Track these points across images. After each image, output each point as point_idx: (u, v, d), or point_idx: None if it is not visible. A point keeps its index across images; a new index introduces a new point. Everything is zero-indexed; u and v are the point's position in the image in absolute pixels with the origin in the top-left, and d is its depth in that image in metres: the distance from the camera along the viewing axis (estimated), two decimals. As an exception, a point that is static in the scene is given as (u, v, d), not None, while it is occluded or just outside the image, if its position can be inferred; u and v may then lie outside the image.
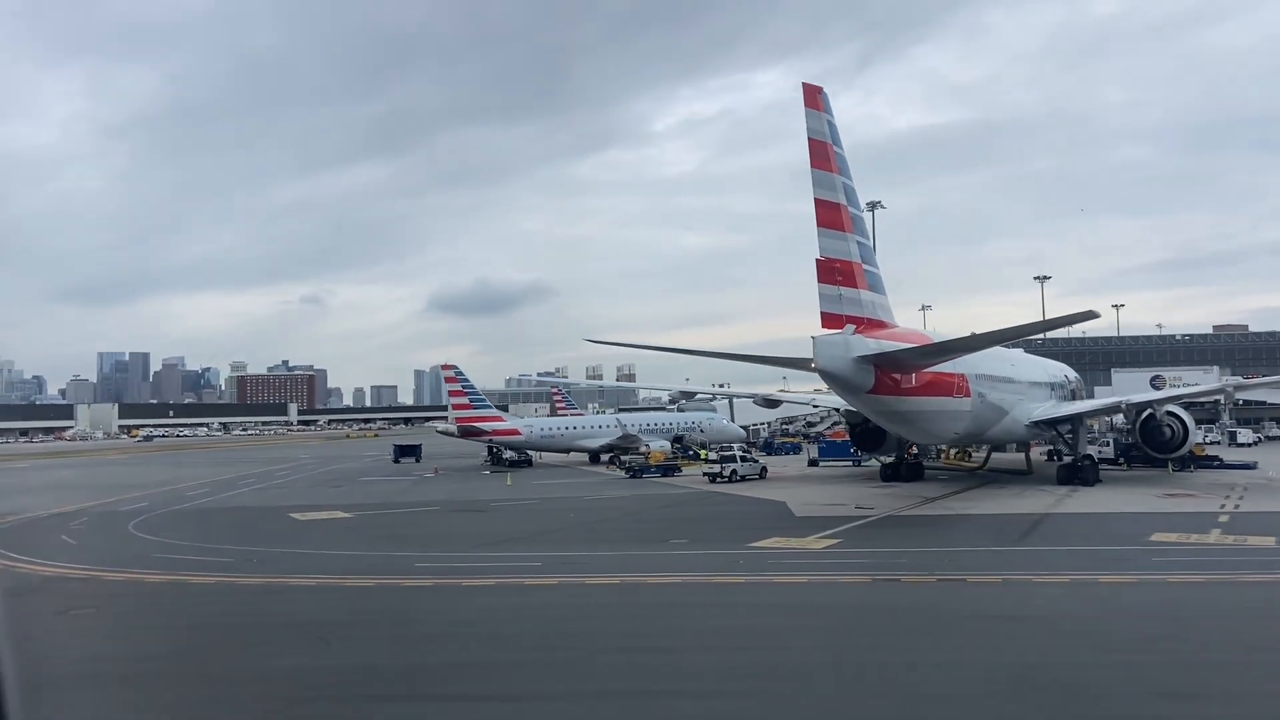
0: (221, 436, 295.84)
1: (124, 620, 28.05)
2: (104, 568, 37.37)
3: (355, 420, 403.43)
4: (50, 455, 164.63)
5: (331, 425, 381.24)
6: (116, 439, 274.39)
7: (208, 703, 18.75)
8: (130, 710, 18.81)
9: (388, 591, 31.22)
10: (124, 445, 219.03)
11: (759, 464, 73.49)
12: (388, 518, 55.99)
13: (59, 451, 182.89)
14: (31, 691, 19.73)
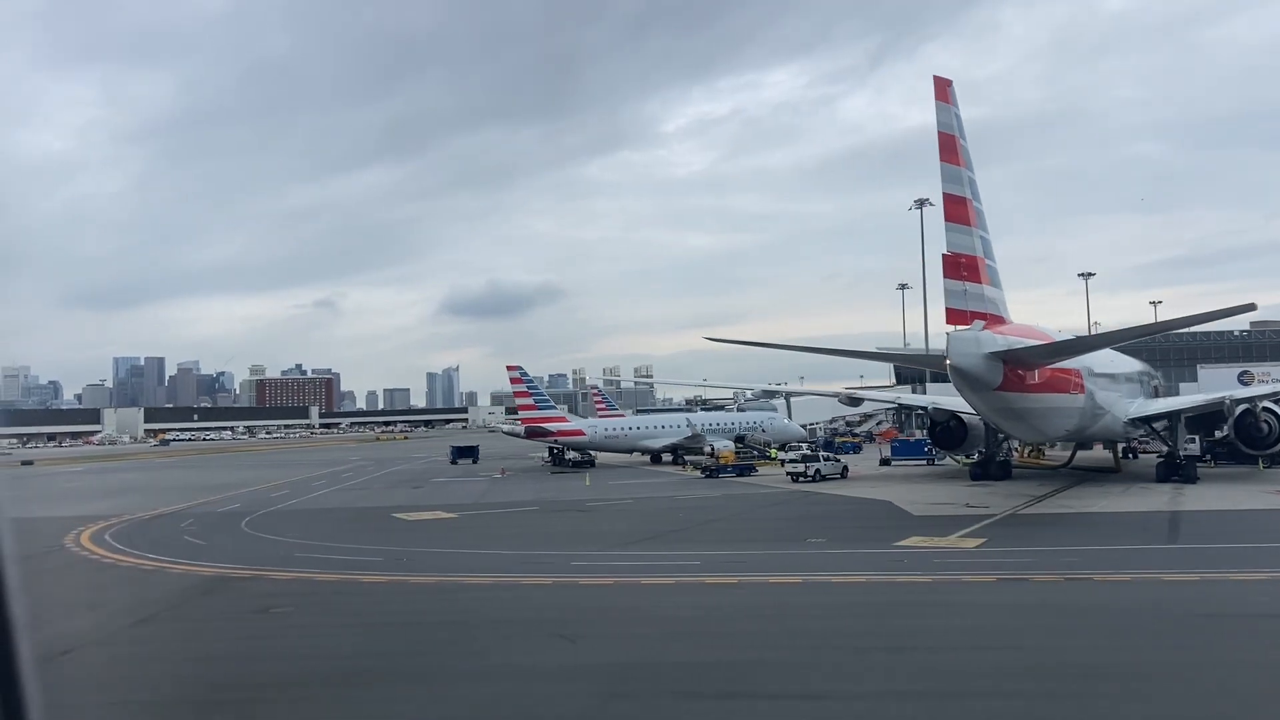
0: (247, 440, 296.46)
1: (339, 618, 28.01)
2: (259, 567, 37.56)
3: (375, 423, 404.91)
4: (93, 459, 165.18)
5: (353, 428, 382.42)
6: (143, 443, 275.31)
7: (521, 698, 18.74)
8: (452, 705, 18.85)
9: (575, 590, 31.11)
10: (159, 450, 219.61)
11: (840, 463, 73.55)
12: (495, 518, 56.16)
13: (99, 456, 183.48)
14: (337, 687, 19.99)
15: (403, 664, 21.72)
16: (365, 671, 21.17)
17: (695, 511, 54.49)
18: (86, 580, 36.68)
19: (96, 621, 28.56)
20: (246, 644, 24.82)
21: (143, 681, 21.40)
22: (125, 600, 32.38)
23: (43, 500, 77.68)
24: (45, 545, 47.20)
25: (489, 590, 31.82)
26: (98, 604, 31.98)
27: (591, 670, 20.66)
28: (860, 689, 18.75)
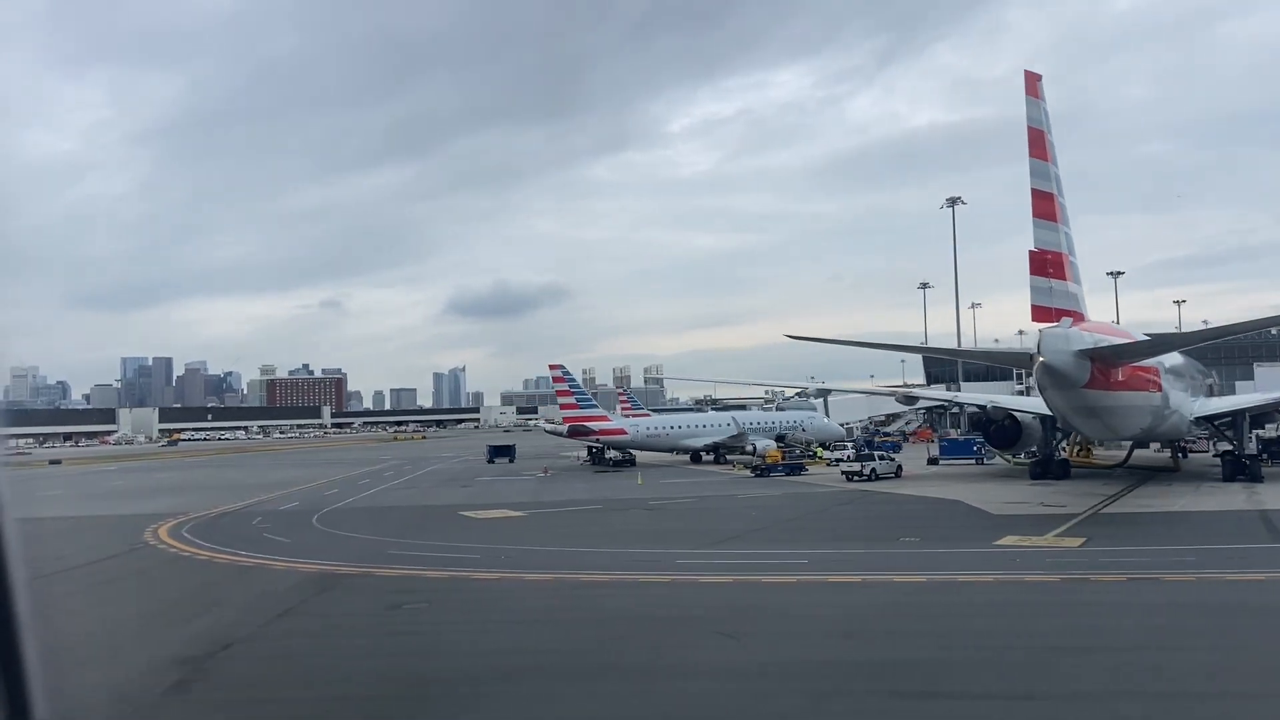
0: (262, 440, 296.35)
1: (480, 614, 27.78)
2: (360, 564, 37.40)
3: (387, 423, 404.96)
4: (119, 459, 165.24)
5: (366, 428, 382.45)
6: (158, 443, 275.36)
7: (728, 696, 18.57)
8: (658, 701, 18.70)
9: (703, 588, 30.75)
10: (175, 450, 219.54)
11: (895, 462, 73.46)
12: (563, 515, 55.97)
13: (123, 455, 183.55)
14: (516, 682, 19.87)
15: (578, 660, 21.60)
16: (543, 667, 21.03)
17: (767, 511, 54.29)
18: (196, 576, 36.62)
19: (235, 617, 28.44)
20: (403, 640, 24.71)
21: (326, 674, 21.30)
22: (248, 596, 32.31)
23: (96, 499, 77.85)
24: (128, 542, 47.27)
25: (614, 588, 31.59)
26: (222, 599, 31.88)
27: (779, 668, 20.44)
28: (1080, 688, 18.48)
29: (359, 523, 53.42)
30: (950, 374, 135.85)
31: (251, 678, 21.49)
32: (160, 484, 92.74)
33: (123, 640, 25.66)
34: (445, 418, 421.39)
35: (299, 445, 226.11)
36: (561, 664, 21.24)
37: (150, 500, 72.31)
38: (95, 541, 48.24)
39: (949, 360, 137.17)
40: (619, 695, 19.06)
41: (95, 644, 24.21)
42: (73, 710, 14.87)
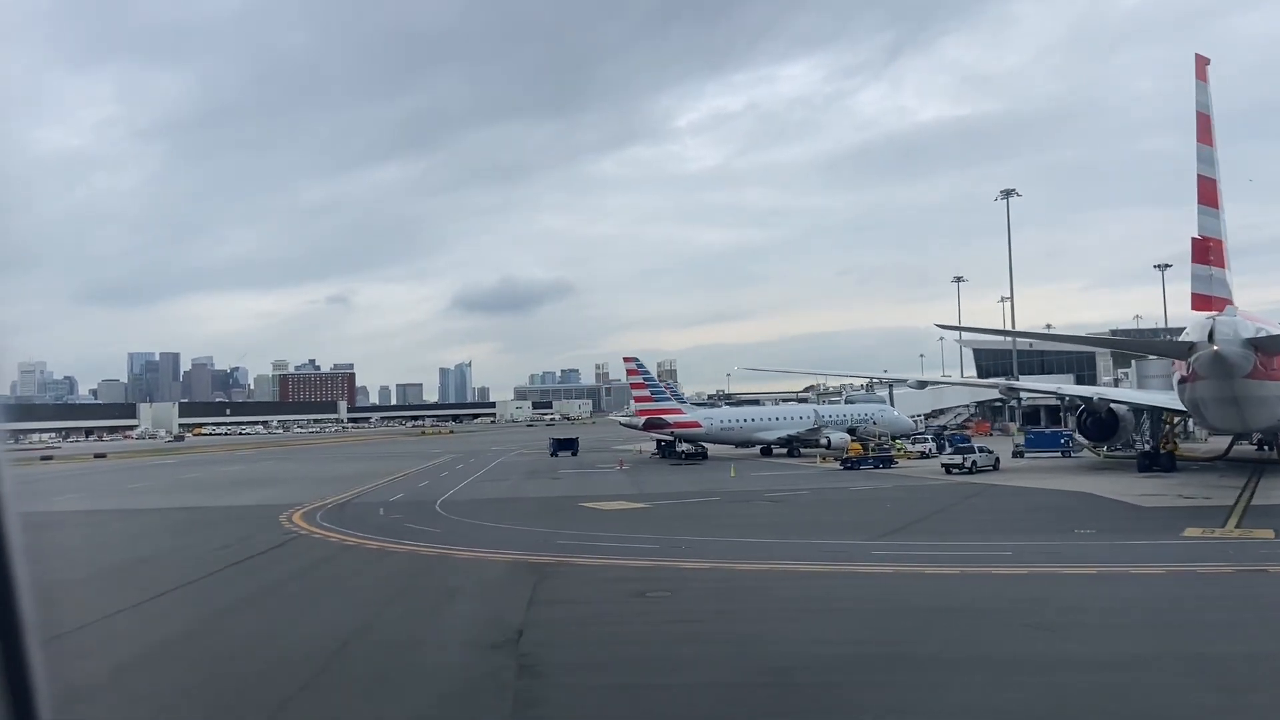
0: (284, 435, 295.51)
1: (742, 604, 27.30)
2: (542, 554, 36.92)
3: (403, 418, 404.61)
4: (160, 454, 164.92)
5: (384, 423, 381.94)
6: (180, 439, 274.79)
7: (1102, 688, 18.22)
8: (1030, 692, 18.26)
9: (942, 580, 30.09)
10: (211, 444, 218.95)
11: (993, 455, 73.09)
12: (686, 506, 55.34)
13: (161, 450, 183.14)
14: (877, 672, 19.47)
15: (908, 650, 21.07)
16: (880, 657, 20.61)
17: (898, 503, 53.73)
18: (390, 565, 36.19)
19: (489, 605, 28.01)
20: (695, 627, 24.21)
21: (664, 661, 20.83)
22: (470, 584, 31.92)
23: (187, 491, 77.27)
24: (277, 530, 46.93)
25: (844, 578, 30.96)
26: (449, 588, 31.45)
27: (1138, 661, 20.04)
28: None
29: (487, 513, 52.99)
30: (999, 368, 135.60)
31: (590, 663, 21.09)
32: (237, 477, 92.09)
33: (426, 630, 25.19)
34: (460, 413, 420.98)
35: (328, 440, 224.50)
36: (898, 654, 20.79)
37: (245, 492, 71.89)
38: (242, 531, 47.86)
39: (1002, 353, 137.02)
40: (988, 685, 18.51)
41: (417, 632, 24.05)
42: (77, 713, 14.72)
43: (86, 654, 22.97)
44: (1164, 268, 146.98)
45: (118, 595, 31.45)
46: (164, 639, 25.12)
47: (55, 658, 14.37)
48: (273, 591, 31.89)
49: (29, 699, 2.81)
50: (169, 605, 30.00)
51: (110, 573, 37.85)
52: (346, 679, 20.33)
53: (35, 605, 2.88)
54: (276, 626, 26.12)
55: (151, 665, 22.50)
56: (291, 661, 21.91)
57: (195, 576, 34.42)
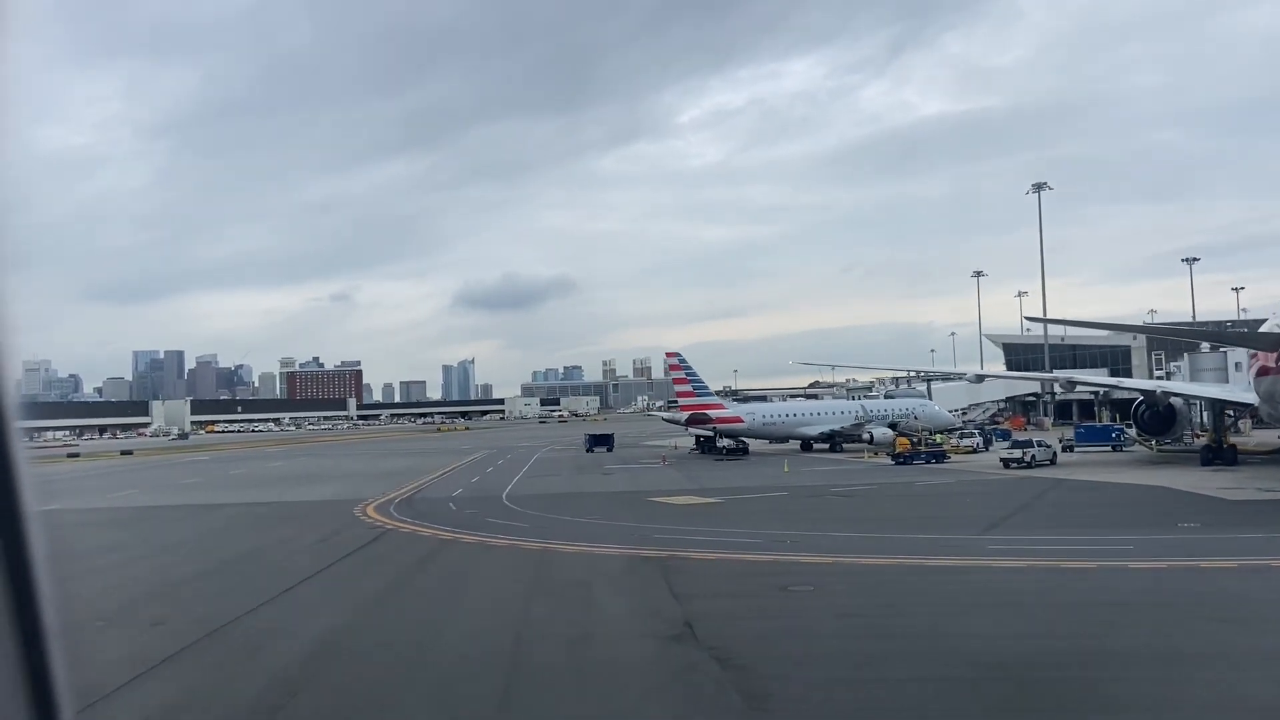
0: (296, 432, 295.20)
1: (906, 597, 26.87)
2: (646, 548, 36.52)
3: (413, 415, 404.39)
4: (183, 451, 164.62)
5: (394, 420, 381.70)
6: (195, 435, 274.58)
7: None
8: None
9: (1080, 574, 29.66)
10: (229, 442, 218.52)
11: (1051, 449, 72.84)
12: (756, 501, 55.05)
13: (186, 448, 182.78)
14: (1082, 669, 19.01)
15: (1110, 645, 20.71)
16: (1094, 652, 20.14)
17: (972, 497, 53.51)
18: (505, 560, 35.83)
19: (644, 601, 27.51)
20: (874, 622, 23.76)
21: (881, 656, 20.42)
22: (598, 578, 31.50)
23: (243, 487, 76.79)
24: (367, 527, 46.55)
25: (983, 573, 30.30)
26: (586, 583, 30.94)
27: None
28: None
29: (559, 507, 52.62)
30: (1030, 363, 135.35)
31: (787, 657, 20.69)
32: (283, 473, 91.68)
33: (588, 623, 24.78)
34: (469, 410, 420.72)
35: (346, 438, 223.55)
36: (1103, 649, 20.29)
37: (302, 488, 71.60)
38: (328, 525, 47.51)
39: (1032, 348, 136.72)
40: (1219, 679, 18.12)
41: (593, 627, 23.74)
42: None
43: (264, 648, 22.66)
44: (1192, 261, 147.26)
45: (253, 587, 31.25)
46: (331, 631, 24.76)
47: (233, 650, 13.89)
48: (404, 585, 31.52)
49: (51, 699, 2.78)
50: (310, 598, 29.62)
51: (230, 565, 37.46)
52: (548, 673, 19.93)
53: (55, 604, 2.84)
54: (436, 621, 25.66)
55: (349, 659, 22.20)
56: (478, 656, 21.57)
57: (314, 569, 34.02)
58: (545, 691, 18.77)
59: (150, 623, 26.54)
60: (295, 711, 18.13)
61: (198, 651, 22.60)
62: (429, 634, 24.16)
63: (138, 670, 20.51)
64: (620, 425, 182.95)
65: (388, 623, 25.74)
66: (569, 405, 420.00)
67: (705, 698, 17.90)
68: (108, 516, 56.74)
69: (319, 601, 29.13)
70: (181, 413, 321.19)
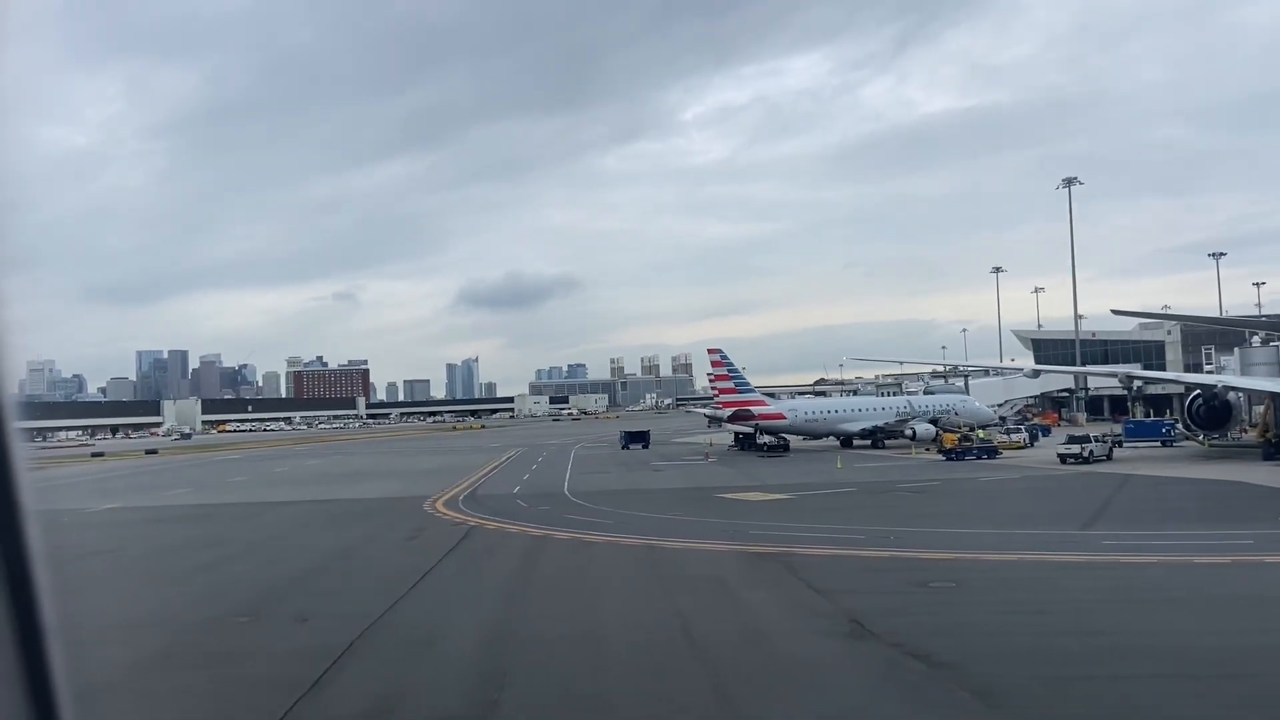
0: (308, 431, 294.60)
1: (1057, 595, 26.29)
2: (749, 544, 36.30)
3: (422, 413, 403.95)
4: (202, 450, 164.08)
5: (404, 419, 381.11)
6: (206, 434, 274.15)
7: None
8: None
9: (1205, 570, 29.31)
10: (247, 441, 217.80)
11: (1107, 444, 72.50)
12: (828, 498, 54.52)
13: (206, 446, 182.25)
14: None
15: None
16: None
17: (1046, 493, 53.09)
18: (615, 557, 35.29)
19: (788, 597, 27.04)
20: (1045, 619, 23.36)
21: (1066, 654, 20.01)
22: (735, 577, 30.90)
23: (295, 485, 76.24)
24: (449, 523, 46.13)
25: (1123, 570, 29.55)
26: (713, 579, 30.46)
27: None
28: None
29: (630, 504, 52.15)
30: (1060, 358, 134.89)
31: (986, 654, 20.21)
32: (327, 471, 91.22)
33: (749, 621, 24.34)
34: (478, 408, 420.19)
35: (364, 436, 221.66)
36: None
37: (357, 485, 71.08)
38: (410, 521, 47.12)
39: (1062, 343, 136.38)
40: None
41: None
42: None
43: (435, 642, 22.26)
44: (1219, 256, 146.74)
45: (372, 583, 30.97)
46: (491, 625, 24.40)
47: (406, 643, 13.62)
48: (528, 580, 31.06)
49: (50, 700, 2.71)
50: (442, 594, 29.11)
51: (333, 561, 36.89)
52: (746, 669, 19.47)
53: (54, 604, 2.75)
54: (590, 614, 25.20)
55: (533, 650, 21.85)
56: (659, 647, 21.18)
57: (424, 565, 33.35)
58: (758, 689, 18.31)
59: (295, 618, 26.06)
60: (520, 697, 17.79)
61: (371, 645, 22.13)
62: (592, 625, 23.72)
63: (323, 665, 20.07)
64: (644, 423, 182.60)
65: (544, 615, 25.27)
66: (577, 403, 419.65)
67: (932, 696, 17.44)
68: (177, 514, 56.27)
69: (454, 596, 28.62)
70: (193, 412, 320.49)
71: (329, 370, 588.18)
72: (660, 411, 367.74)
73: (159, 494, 68.80)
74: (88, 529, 49.47)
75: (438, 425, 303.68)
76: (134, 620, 25.82)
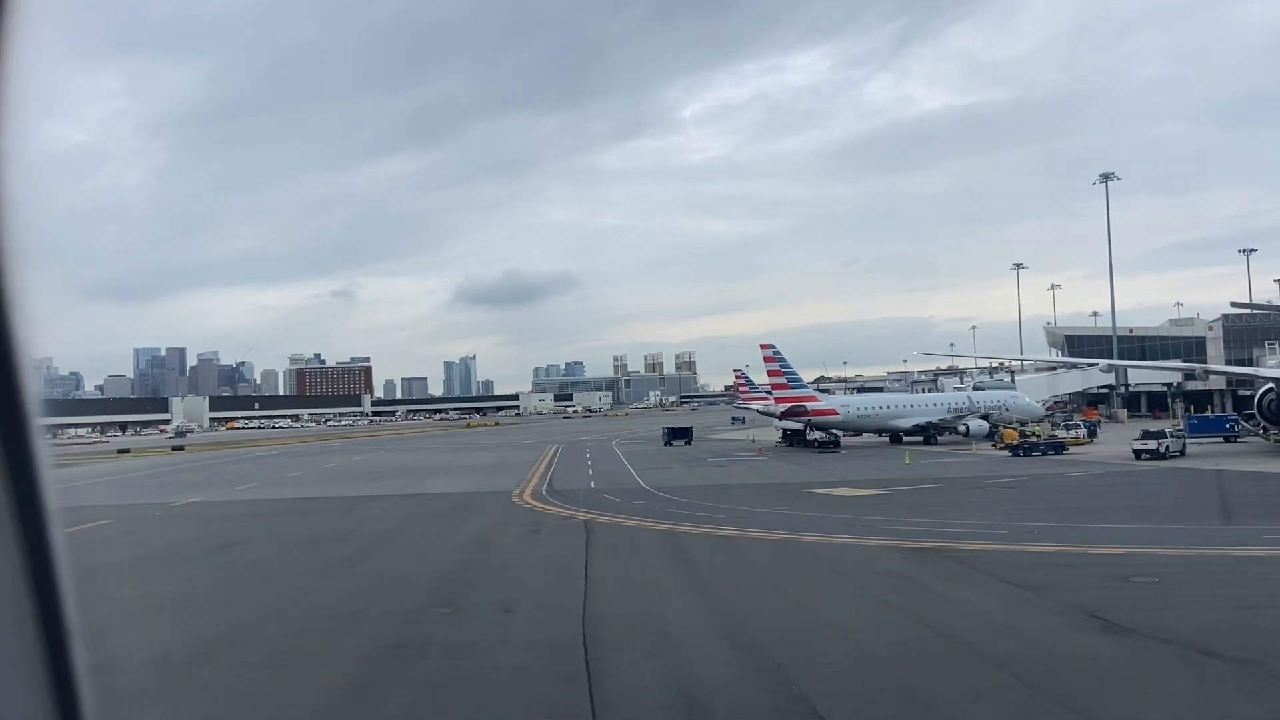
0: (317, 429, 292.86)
1: (1246, 591, 25.71)
2: (905, 540, 35.51)
3: (428, 410, 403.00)
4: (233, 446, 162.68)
5: (410, 416, 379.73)
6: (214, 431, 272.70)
7: None
8: None
9: None
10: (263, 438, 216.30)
11: (1181, 440, 72.02)
12: (922, 493, 53.70)
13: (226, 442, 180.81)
14: None
15: None
16: None
17: (1146, 487, 52.37)
18: (769, 552, 34.42)
19: (993, 594, 26.29)
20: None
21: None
22: (917, 571, 30.07)
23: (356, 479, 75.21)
24: (560, 518, 45.29)
25: None
26: (901, 574, 29.74)
27: None
28: None
29: (726, 498, 51.37)
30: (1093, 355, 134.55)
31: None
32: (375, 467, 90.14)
33: (986, 617, 23.58)
34: (484, 405, 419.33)
35: (384, 433, 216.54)
36: None
37: (428, 481, 70.01)
38: (524, 519, 46.24)
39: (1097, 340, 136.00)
40: None
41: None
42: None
43: (671, 634, 21.52)
44: (1249, 252, 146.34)
45: (541, 575, 30.44)
46: (715, 616, 23.82)
47: (642, 636, 15.15)
48: (696, 575, 30.21)
49: (73, 699, 2.73)
50: (624, 585, 28.43)
51: (478, 554, 35.79)
52: (1044, 669, 18.70)
53: (76, 604, 2.75)
54: (817, 612, 24.30)
55: (794, 640, 21.17)
56: (915, 643, 20.51)
57: (577, 558, 32.58)
58: (1087, 691, 17.48)
59: (497, 609, 25.20)
60: (828, 690, 17.06)
61: (605, 636, 21.36)
62: (828, 619, 23.01)
63: (575, 655, 19.44)
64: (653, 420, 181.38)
65: (759, 609, 24.51)
66: (582, 401, 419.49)
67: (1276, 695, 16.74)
68: (269, 508, 55.01)
69: (635, 588, 27.75)
70: (201, 409, 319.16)
71: (332, 368, 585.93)
72: (666, 410, 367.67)
73: (230, 489, 67.67)
74: (192, 521, 48.66)
75: (445, 422, 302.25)
76: (348, 611, 25.37)
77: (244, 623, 24.73)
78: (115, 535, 45.01)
